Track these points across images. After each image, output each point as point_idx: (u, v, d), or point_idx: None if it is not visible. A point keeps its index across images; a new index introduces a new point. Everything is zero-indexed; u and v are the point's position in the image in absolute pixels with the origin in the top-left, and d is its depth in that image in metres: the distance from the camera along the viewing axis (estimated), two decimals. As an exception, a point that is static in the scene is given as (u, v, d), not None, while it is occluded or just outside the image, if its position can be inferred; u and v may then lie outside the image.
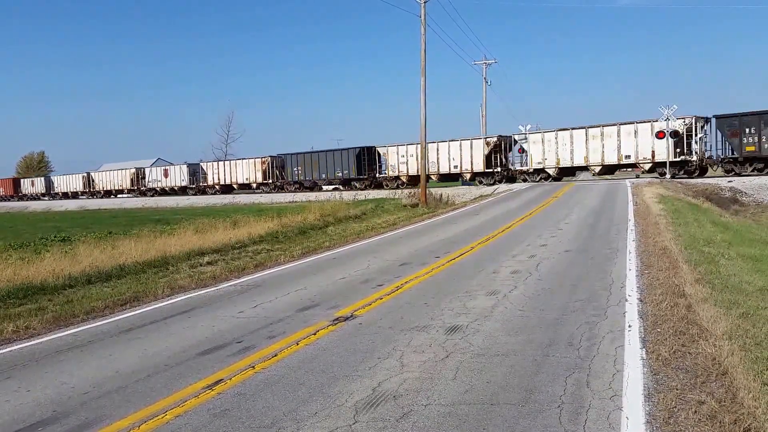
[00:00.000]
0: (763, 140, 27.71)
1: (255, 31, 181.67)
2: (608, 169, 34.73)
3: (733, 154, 30.13)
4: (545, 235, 13.77)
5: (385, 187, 41.22)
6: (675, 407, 4.27)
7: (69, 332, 7.46)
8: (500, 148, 37.97)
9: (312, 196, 39.51)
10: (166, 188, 57.84)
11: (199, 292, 9.60)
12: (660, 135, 30.72)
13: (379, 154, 42.55)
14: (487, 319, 6.84)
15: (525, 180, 36.74)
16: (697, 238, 11.95)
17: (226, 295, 9.24)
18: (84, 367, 5.97)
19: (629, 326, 6.22)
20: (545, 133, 35.70)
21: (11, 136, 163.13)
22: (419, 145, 29.47)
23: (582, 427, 3.99)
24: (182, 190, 56.20)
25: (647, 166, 32.37)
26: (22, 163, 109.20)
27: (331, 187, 45.20)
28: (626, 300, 7.33)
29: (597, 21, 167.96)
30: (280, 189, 47.67)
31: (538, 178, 35.92)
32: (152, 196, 57.83)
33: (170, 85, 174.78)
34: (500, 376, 5.01)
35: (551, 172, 35.73)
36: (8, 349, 6.82)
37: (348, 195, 36.42)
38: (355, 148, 42.95)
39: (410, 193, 30.04)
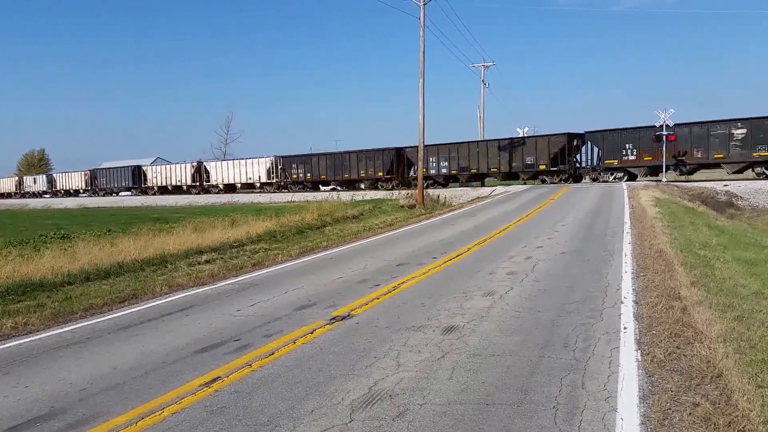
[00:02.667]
0: (301, 171, 48.38)
1: (256, 32, 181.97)
2: (247, 186, 53.17)
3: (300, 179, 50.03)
4: (542, 237, 13.82)
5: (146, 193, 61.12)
6: (669, 409, 4.30)
7: (67, 329, 7.48)
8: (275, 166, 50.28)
9: (128, 199, 56.91)
10: (36, 192, 74.64)
11: (197, 291, 9.62)
12: (658, 138, 31.56)
13: (144, 172, 61.83)
14: (483, 319, 6.87)
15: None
16: (693, 242, 12.01)
17: (224, 294, 9.26)
18: (82, 363, 5.98)
19: (624, 328, 6.26)
20: (220, 162, 57.11)
21: (12, 134, 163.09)
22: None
23: (577, 428, 4.02)
24: (43, 194, 74.45)
25: (258, 185, 51.88)
26: (23, 161, 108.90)
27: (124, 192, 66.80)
28: (622, 302, 7.37)
29: (595, 24, 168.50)
30: (95, 193, 67.09)
31: (216, 191, 54.05)
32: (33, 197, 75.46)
33: (171, 84, 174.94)
34: (496, 376, 5.05)
35: (221, 186, 54.38)
36: (7, 345, 6.84)
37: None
38: (131, 166, 64.44)
39: (408, 194, 30.08)
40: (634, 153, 33.88)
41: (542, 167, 37.01)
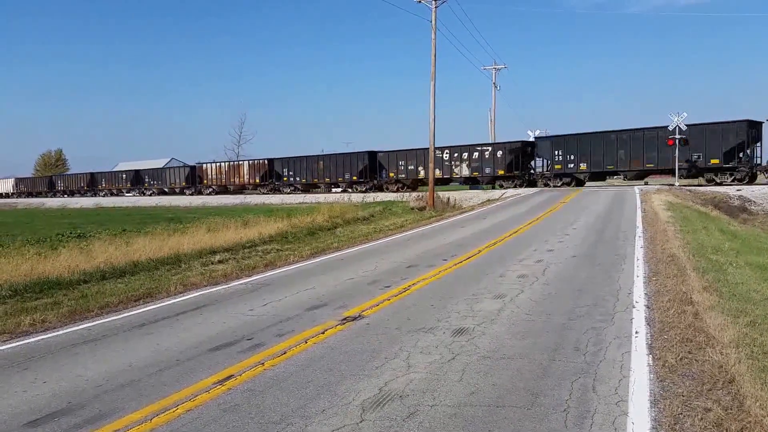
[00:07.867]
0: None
1: (265, 33, 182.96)
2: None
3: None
4: (552, 240, 13.78)
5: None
6: (681, 414, 4.30)
7: (84, 326, 7.59)
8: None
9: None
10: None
11: (211, 290, 9.73)
12: (669, 142, 31.11)
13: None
14: (493, 322, 6.89)
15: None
16: (705, 246, 11.93)
17: (237, 293, 9.35)
18: (98, 360, 6.08)
19: (636, 332, 6.26)
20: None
21: (29, 134, 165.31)
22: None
23: None
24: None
25: None
26: (40, 161, 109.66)
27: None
28: (633, 306, 7.36)
29: (606, 28, 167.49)
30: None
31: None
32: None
33: (186, 85, 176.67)
34: (506, 378, 5.07)
35: None
36: (25, 342, 6.96)
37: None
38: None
39: (418, 196, 30.11)
40: None
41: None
